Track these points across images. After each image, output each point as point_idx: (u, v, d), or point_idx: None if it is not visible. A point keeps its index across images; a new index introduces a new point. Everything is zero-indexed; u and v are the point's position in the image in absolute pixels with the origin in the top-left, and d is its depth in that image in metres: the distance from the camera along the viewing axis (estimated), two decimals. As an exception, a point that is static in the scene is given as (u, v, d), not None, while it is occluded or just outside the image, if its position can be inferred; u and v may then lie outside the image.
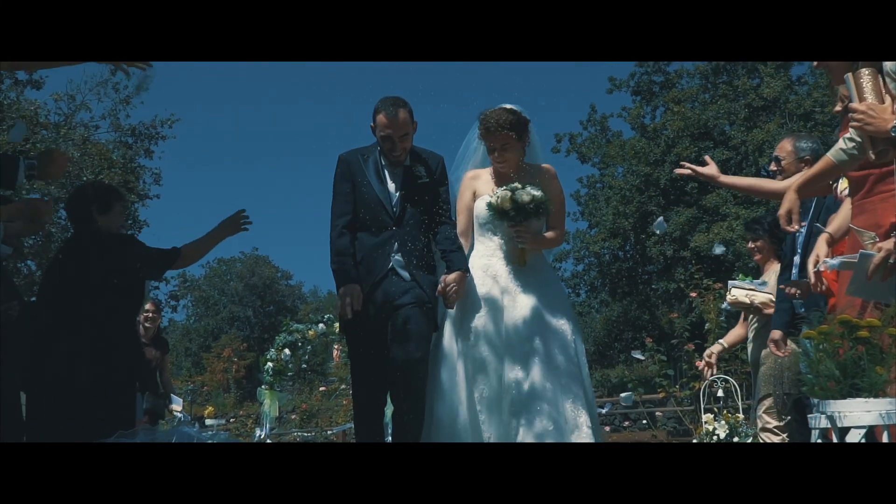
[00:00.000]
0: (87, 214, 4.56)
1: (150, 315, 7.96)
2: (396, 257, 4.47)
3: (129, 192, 21.15)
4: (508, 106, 4.76)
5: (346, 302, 4.37)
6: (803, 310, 4.89)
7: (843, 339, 2.72)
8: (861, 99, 3.04)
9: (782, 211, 3.43)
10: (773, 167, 5.10)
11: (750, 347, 6.16)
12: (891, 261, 2.95)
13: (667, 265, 26.02)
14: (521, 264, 4.63)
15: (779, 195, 3.82)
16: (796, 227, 3.44)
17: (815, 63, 3.50)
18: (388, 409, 4.67)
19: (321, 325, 11.27)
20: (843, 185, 4.09)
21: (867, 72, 3.07)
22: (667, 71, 27.96)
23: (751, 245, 6.33)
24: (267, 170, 76.87)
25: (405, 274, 4.45)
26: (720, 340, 6.80)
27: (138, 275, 4.55)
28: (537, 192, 4.57)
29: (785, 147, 5.05)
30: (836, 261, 3.21)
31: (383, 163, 4.62)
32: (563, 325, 4.52)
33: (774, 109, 25.35)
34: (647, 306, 28.48)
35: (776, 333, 5.07)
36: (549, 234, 4.82)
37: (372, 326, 4.39)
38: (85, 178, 18.66)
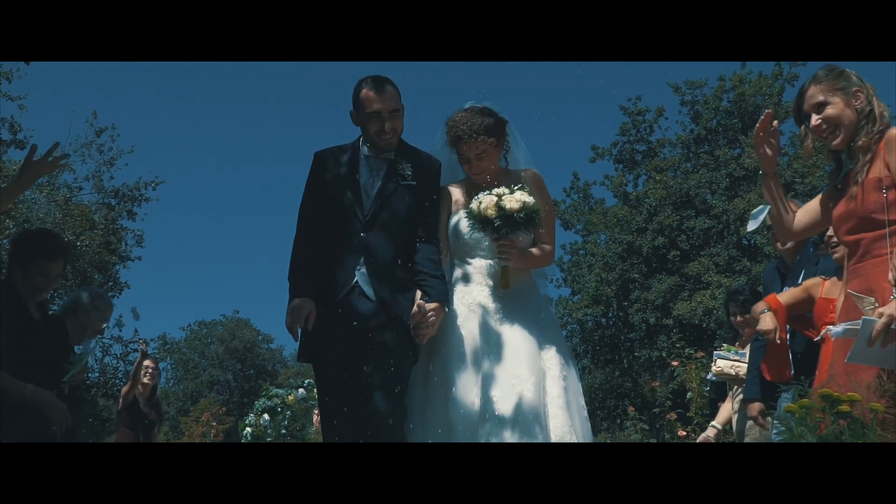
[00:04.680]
0: (9, 262, 4.37)
1: (150, 371, 7.63)
2: (361, 270, 3.79)
3: (110, 254, 21.08)
4: (480, 105, 4.06)
5: (291, 320, 3.77)
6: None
7: (824, 413, 2.69)
8: None
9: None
10: None
11: (734, 418, 6.10)
12: (893, 326, 2.92)
13: (649, 333, 25.99)
14: (503, 286, 3.93)
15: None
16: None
17: (814, 121, 3.39)
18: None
19: (301, 391, 11.12)
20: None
21: None
22: (649, 140, 28.29)
23: (739, 319, 6.25)
24: (249, 232, 76.84)
25: (370, 292, 3.77)
26: (713, 423, 6.68)
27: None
28: (528, 198, 3.83)
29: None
30: (839, 328, 3.16)
31: (364, 153, 3.92)
32: (553, 362, 3.88)
33: (755, 179, 25.59)
34: (630, 374, 28.36)
35: (755, 407, 5.00)
36: (536, 251, 4.05)
37: (338, 355, 3.76)
38: (66, 240, 18.57)
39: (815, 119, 3.37)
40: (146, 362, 7.75)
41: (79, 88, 54.28)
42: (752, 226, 4.72)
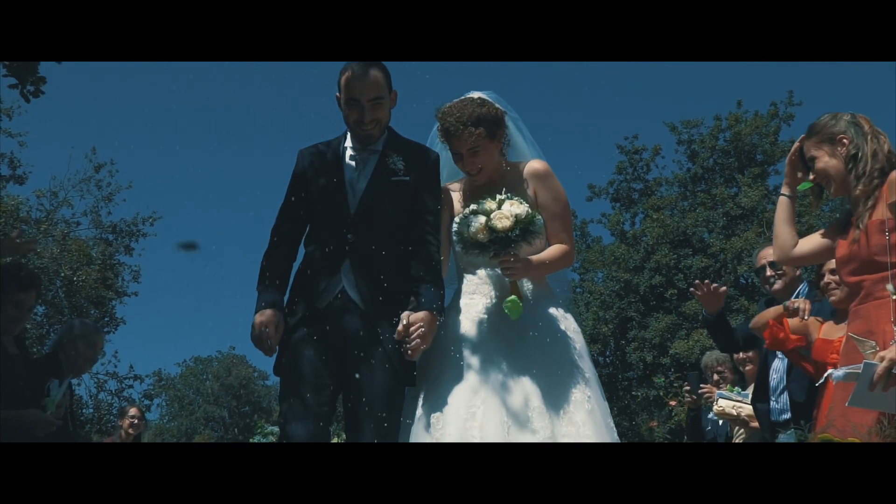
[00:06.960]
0: None
1: (135, 421, 7.57)
2: (348, 276, 3.34)
3: (107, 290, 21.01)
4: (475, 95, 3.64)
5: (259, 333, 3.33)
6: (782, 417, 4.85)
7: (824, 458, 2.67)
8: None
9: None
10: (769, 273, 5.08)
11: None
12: (894, 370, 2.92)
13: (646, 372, 25.89)
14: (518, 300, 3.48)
15: None
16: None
17: (811, 175, 3.51)
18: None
19: (296, 428, 11.05)
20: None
21: None
22: (646, 178, 28.37)
23: (741, 355, 6.21)
24: (246, 268, 76.80)
25: (358, 300, 3.33)
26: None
27: None
28: (520, 209, 3.41)
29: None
30: (841, 372, 3.16)
31: (348, 145, 3.51)
32: (574, 383, 3.44)
33: (752, 218, 25.64)
34: (627, 413, 28.21)
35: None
36: (548, 254, 3.62)
37: (321, 378, 3.30)
38: (63, 275, 18.57)
39: (811, 174, 3.50)
40: (131, 411, 7.73)
41: (78, 126, 54.57)
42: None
